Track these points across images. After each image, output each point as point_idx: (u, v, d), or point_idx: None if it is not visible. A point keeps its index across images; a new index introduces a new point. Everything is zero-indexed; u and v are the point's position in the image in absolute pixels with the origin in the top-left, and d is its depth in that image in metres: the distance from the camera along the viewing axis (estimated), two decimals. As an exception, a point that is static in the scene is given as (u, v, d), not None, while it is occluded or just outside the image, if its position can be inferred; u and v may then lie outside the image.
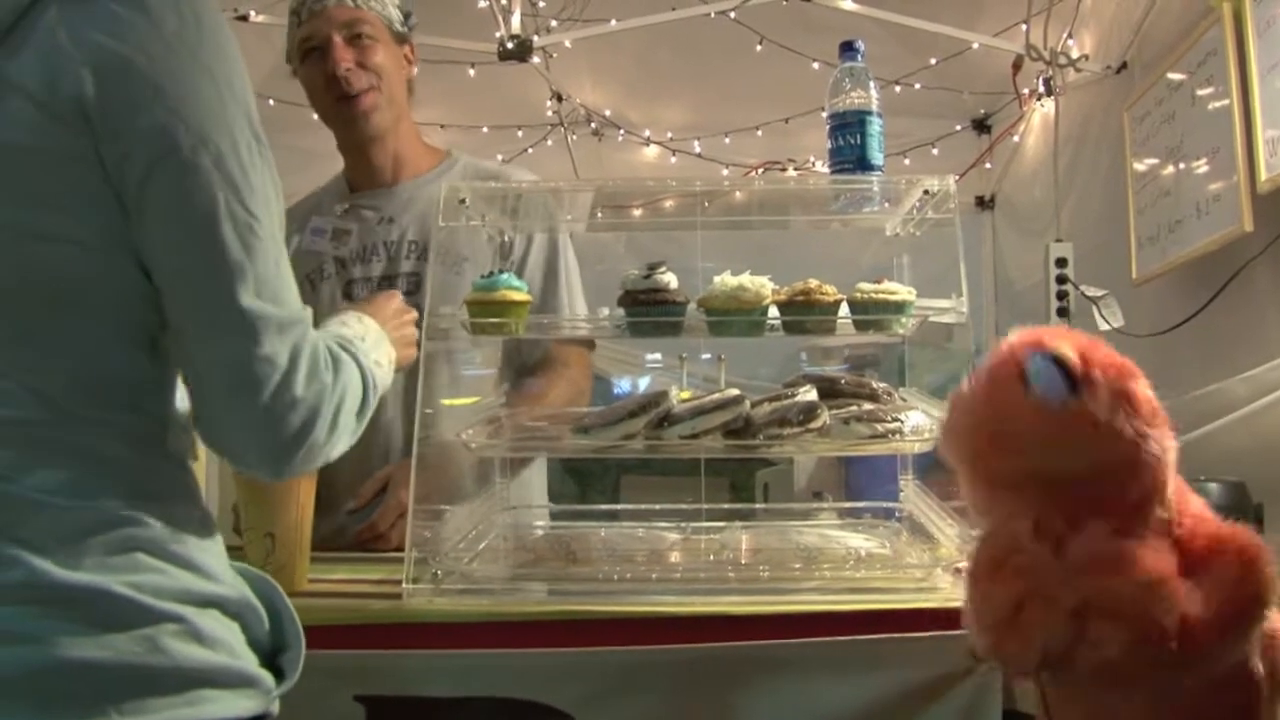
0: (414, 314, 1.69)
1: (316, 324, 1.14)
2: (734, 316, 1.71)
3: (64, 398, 1.08)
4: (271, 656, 1.21)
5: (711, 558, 1.84)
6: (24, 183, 1.06)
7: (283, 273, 1.14)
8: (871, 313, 1.73)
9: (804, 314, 1.72)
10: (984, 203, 5.19)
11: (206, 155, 1.07)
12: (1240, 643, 1.14)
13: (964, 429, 1.25)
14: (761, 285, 1.70)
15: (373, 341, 1.40)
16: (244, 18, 4.12)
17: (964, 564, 1.32)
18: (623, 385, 5.37)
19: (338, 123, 2.34)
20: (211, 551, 1.17)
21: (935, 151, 5.01)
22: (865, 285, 1.74)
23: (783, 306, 1.73)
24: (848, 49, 1.89)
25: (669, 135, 5.22)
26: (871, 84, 1.88)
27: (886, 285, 1.74)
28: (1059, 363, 1.15)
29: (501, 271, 1.79)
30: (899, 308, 1.73)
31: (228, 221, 1.08)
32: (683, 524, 2.00)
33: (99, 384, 1.10)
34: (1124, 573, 1.12)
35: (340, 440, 1.21)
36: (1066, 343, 1.18)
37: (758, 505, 3.81)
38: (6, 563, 1.02)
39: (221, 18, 1.14)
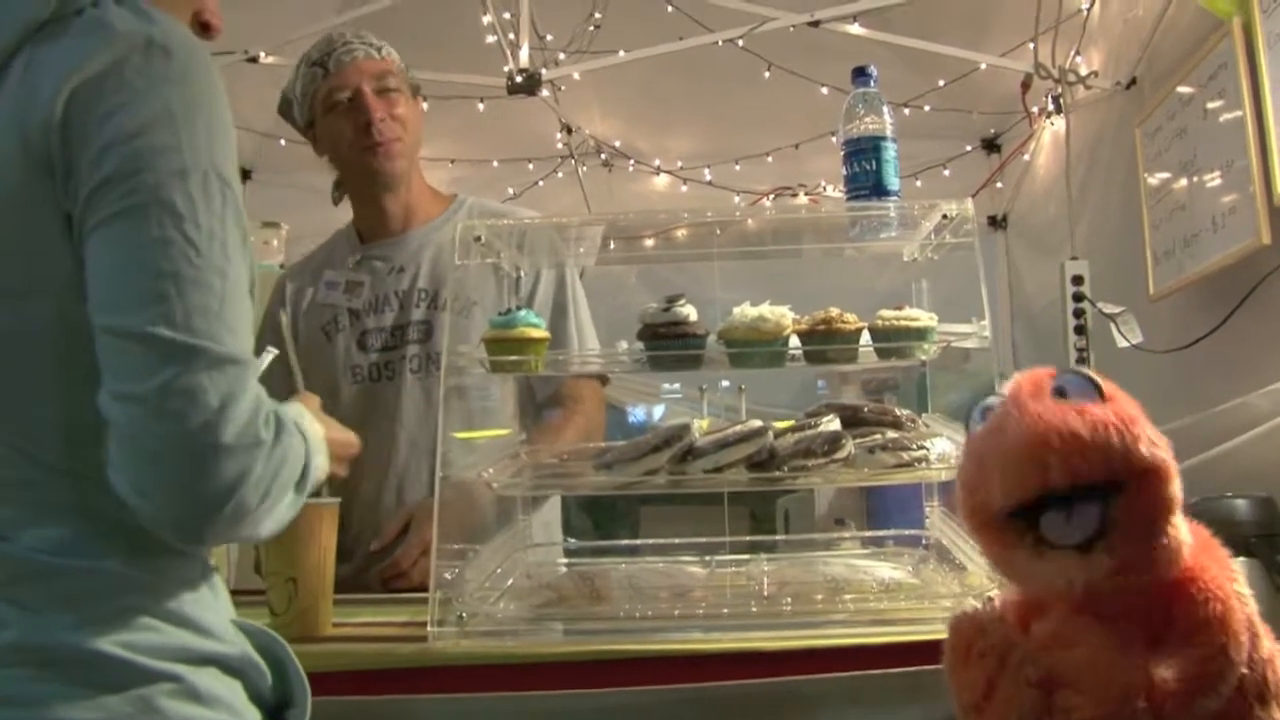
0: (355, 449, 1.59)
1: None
2: (755, 347, 1.70)
3: (54, 456, 1.07)
4: (276, 712, 1.18)
5: (731, 594, 1.81)
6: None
7: (228, 313, 1.05)
8: (893, 340, 1.72)
9: (826, 343, 1.71)
10: (996, 222, 5.17)
11: (146, 181, 1.03)
12: (1215, 690, 1.14)
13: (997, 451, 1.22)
14: (782, 315, 1.69)
15: (315, 440, 1.25)
16: (254, 59, 4.14)
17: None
18: (639, 415, 5.36)
19: (362, 171, 2.36)
20: (211, 607, 1.14)
21: (946, 173, 5.01)
22: (886, 312, 1.73)
23: (804, 336, 1.72)
24: (860, 74, 1.89)
25: (679, 164, 5.23)
26: (885, 109, 1.87)
27: (908, 312, 1.73)
28: (1084, 377, 1.21)
29: (519, 309, 1.78)
30: (921, 334, 1.71)
31: (158, 247, 1.02)
32: (706, 557, 1.98)
33: (88, 440, 1.06)
34: (1083, 643, 1.17)
35: (272, 514, 1.09)
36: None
37: (780, 537, 3.79)
38: None
39: (203, 57, 1.11)
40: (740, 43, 4.09)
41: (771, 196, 5.01)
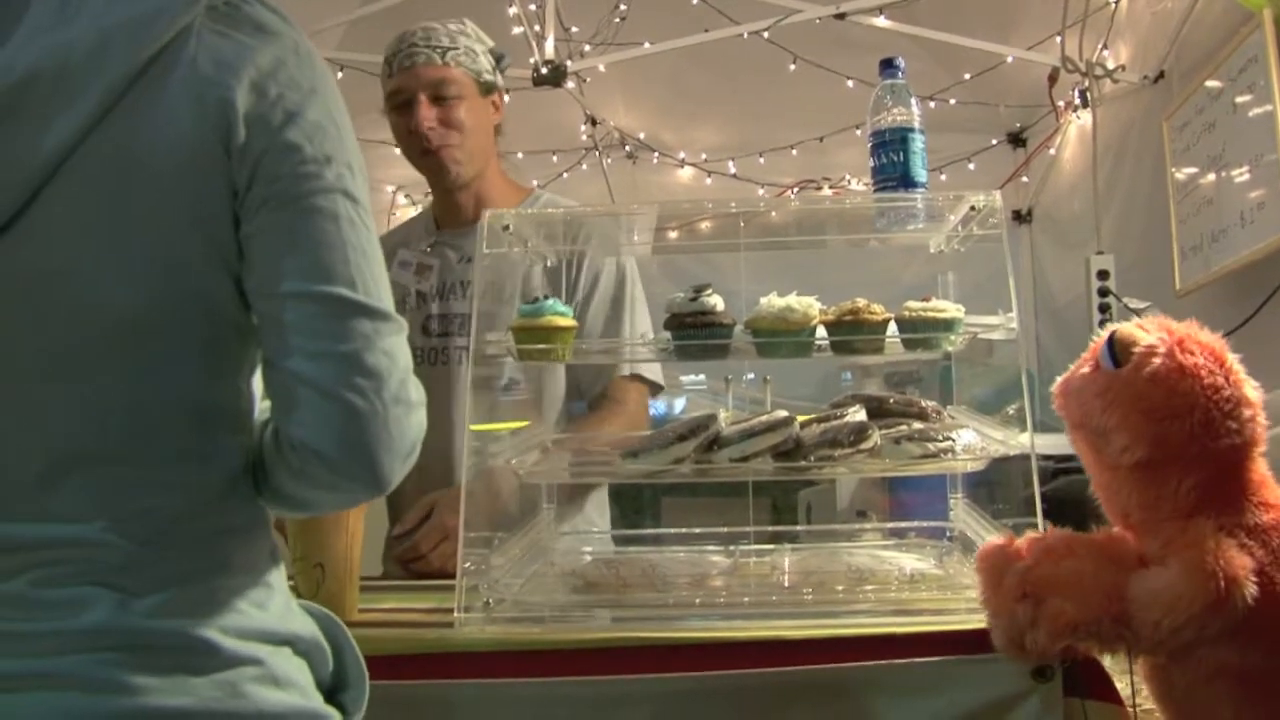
0: None
1: None
2: (782, 338, 1.70)
3: (161, 428, 1.07)
4: (330, 695, 1.18)
5: (755, 583, 1.81)
6: (148, 208, 1.05)
7: (388, 286, 1.14)
8: (920, 331, 1.71)
9: (852, 334, 1.70)
10: (1021, 217, 5.16)
11: (330, 171, 1.10)
12: (1196, 620, 1.28)
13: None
14: (809, 305, 1.69)
15: None
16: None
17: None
18: (660, 408, 5.35)
19: (422, 170, 2.42)
20: (281, 588, 1.15)
21: (971, 166, 5.00)
22: (913, 303, 1.73)
23: (831, 327, 1.72)
24: (888, 66, 1.89)
25: (703, 157, 5.22)
26: (913, 101, 1.87)
27: (935, 303, 1.72)
28: (1112, 342, 1.40)
29: (547, 297, 1.79)
30: (948, 325, 1.71)
31: (349, 227, 1.10)
32: (730, 547, 1.98)
33: (194, 413, 1.09)
34: (1073, 556, 1.41)
35: None
36: (1142, 329, 1.42)
37: (802, 527, 3.79)
38: (84, 606, 1.01)
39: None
40: (765, 35, 4.09)
41: (795, 189, 5.01)
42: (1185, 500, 1.37)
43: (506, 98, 2.53)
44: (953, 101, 4.65)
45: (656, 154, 5.23)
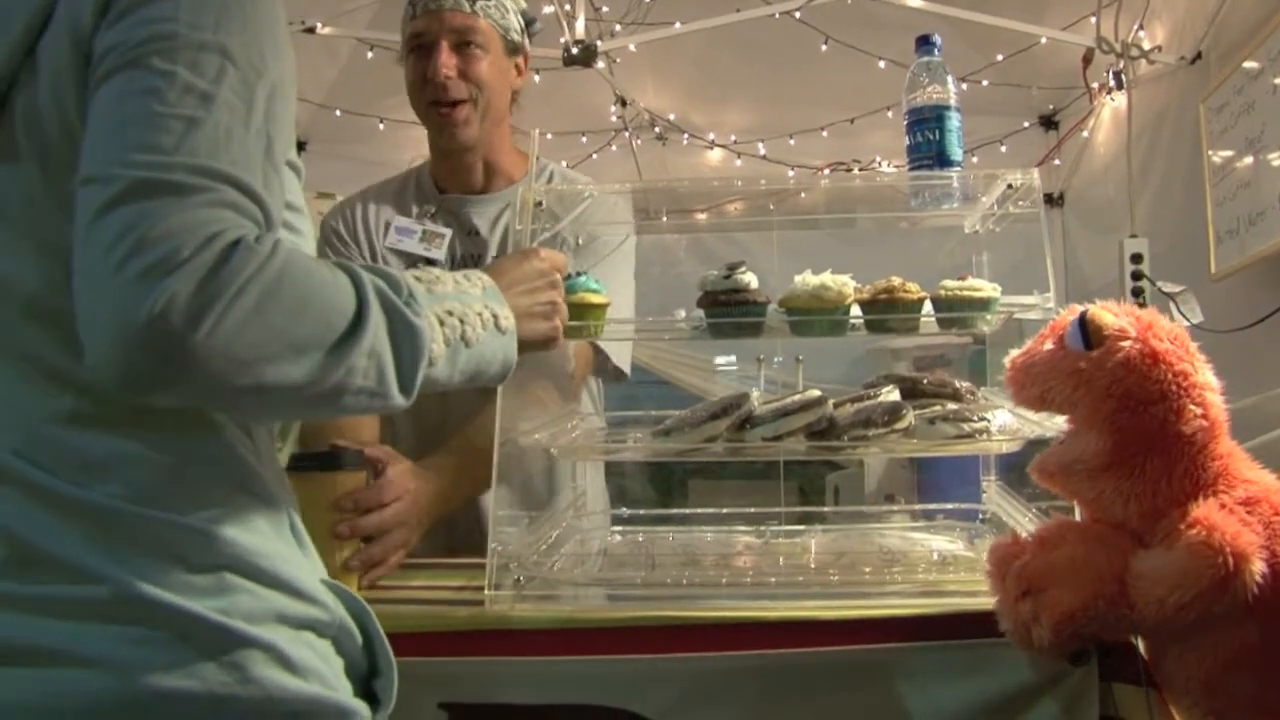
0: (554, 280, 1.51)
1: None
2: (816, 316, 1.69)
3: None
4: (365, 681, 1.15)
5: (784, 562, 1.80)
6: (62, 157, 1.02)
7: (187, 147, 0.96)
8: (956, 310, 1.69)
9: (888, 312, 1.69)
10: (1053, 200, 5.12)
11: (127, 45, 0.99)
12: (1204, 597, 1.25)
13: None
14: (844, 284, 1.68)
15: (455, 291, 1.20)
16: (310, 30, 4.16)
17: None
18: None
19: (428, 125, 2.27)
20: (302, 566, 1.10)
21: (1003, 149, 4.97)
22: (949, 282, 1.71)
23: (865, 305, 1.70)
24: (925, 43, 1.86)
25: (733, 138, 5.21)
26: (949, 79, 1.84)
27: (971, 282, 1.70)
28: (1084, 323, 1.37)
29: (580, 274, 1.76)
30: (984, 305, 1.69)
31: (114, 102, 0.98)
32: (760, 528, 1.97)
33: None
34: (1066, 544, 1.40)
35: (250, 343, 0.93)
36: (1110, 311, 1.39)
37: (829, 508, 3.78)
38: (94, 578, 0.97)
39: None
40: (797, 15, 4.07)
41: (826, 172, 4.98)
42: (1180, 486, 1.35)
43: (537, 78, 2.41)
44: (985, 83, 4.61)
45: (686, 135, 5.22)
